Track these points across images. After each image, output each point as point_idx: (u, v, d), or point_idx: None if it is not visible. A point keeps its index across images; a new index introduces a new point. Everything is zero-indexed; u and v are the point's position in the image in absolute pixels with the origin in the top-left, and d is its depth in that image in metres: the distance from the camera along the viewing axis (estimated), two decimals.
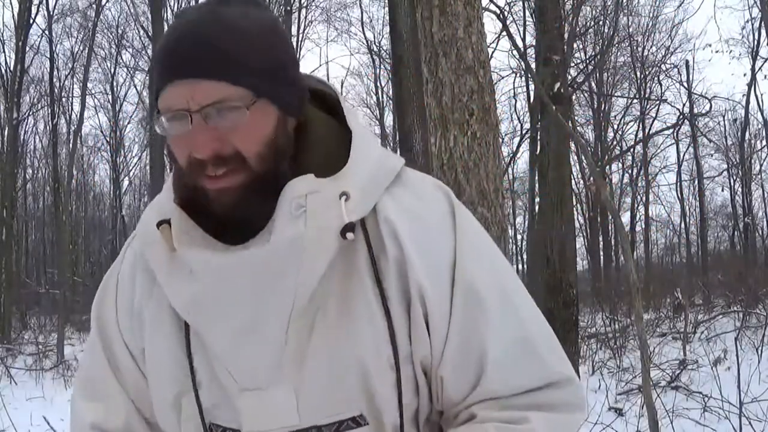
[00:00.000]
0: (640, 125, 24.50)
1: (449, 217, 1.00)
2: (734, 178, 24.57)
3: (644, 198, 26.73)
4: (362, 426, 0.99)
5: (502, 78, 19.53)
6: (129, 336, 1.08)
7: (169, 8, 22.25)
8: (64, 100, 22.80)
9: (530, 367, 0.98)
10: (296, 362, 0.95)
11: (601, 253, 25.01)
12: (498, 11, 9.13)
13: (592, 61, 19.44)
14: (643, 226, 27.83)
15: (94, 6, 19.42)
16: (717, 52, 25.38)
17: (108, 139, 27.88)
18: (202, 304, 0.96)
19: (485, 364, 0.96)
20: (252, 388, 0.97)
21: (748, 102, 21.82)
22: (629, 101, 23.96)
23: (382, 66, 25.60)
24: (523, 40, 18.20)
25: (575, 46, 18.66)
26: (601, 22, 20.07)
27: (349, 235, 0.92)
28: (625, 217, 26.21)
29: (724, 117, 23.77)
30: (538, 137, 12.79)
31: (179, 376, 1.02)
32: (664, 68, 23.18)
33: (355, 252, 0.95)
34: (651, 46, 24.30)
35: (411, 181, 1.02)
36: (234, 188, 0.92)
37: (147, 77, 18.75)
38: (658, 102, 22.09)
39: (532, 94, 17.95)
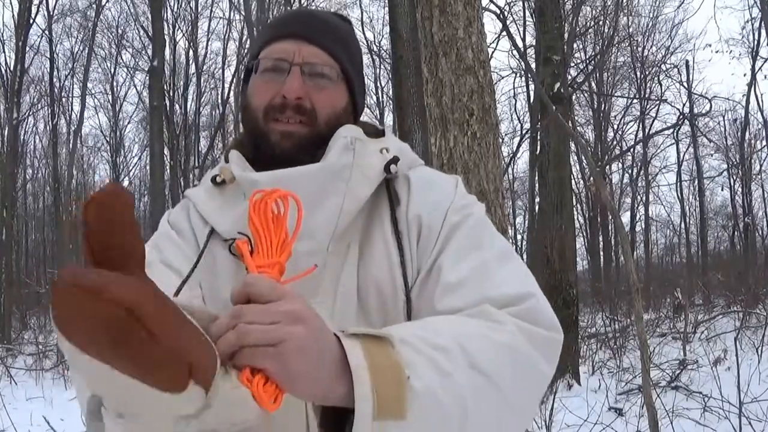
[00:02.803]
0: (640, 125, 24.53)
1: (453, 188, 1.15)
2: (734, 178, 24.56)
3: (644, 198, 26.77)
4: None
5: (502, 78, 19.57)
6: (190, 251, 1.13)
7: (169, 8, 22.27)
8: (64, 100, 22.82)
9: (484, 289, 0.99)
10: (332, 284, 1.05)
11: (601, 253, 25.03)
12: (498, 11, 9.14)
13: (592, 61, 19.46)
14: (643, 226, 27.88)
15: (94, 6, 19.44)
16: (717, 52, 25.59)
17: (108, 139, 27.88)
18: None
19: (439, 282, 1.02)
20: None
21: (748, 102, 21.83)
22: (629, 101, 23.99)
23: (382, 66, 25.64)
24: (523, 40, 18.22)
25: (575, 46, 18.68)
26: (601, 22, 20.09)
27: (393, 167, 1.10)
28: (625, 217, 26.25)
29: (724, 117, 23.76)
30: (538, 137, 12.81)
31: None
32: (664, 68, 23.21)
33: (378, 202, 1.10)
34: (651, 46, 24.36)
35: (429, 168, 1.21)
36: (297, 135, 1.10)
37: (147, 77, 18.73)
38: (658, 102, 22.10)
39: (532, 94, 17.97)
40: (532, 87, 17.36)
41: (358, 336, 0.82)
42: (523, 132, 20.15)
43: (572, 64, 17.22)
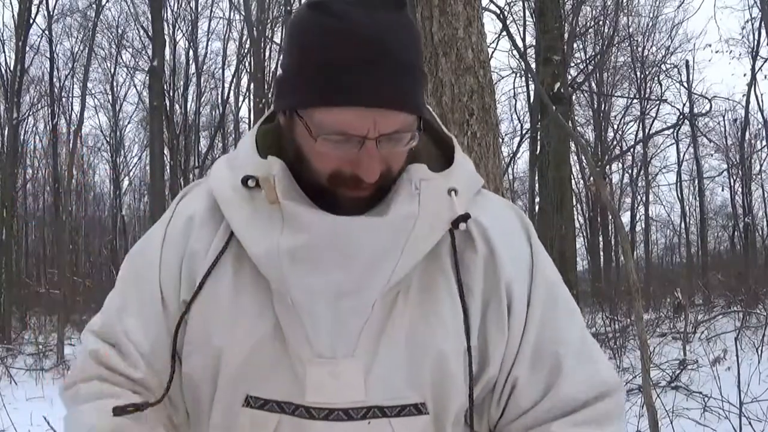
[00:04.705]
0: (640, 125, 24.53)
1: (522, 226, 1.08)
2: (734, 178, 24.56)
3: (644, 198, 26.75)
4: (423, 414, 0.98)
5: (502, 78, 19.56)
6: (169, 287, 1.04)
7: (169, 8, 22.27)
8: (64, 100, 22.81)
9: (591, 374, 1.02)
10: (374, 338, 0.96)
11: (601, 253, 25.02)
12: (498, 11, 9.12)
13: (592, 61, 19.45)
14: (643, 226, 27.88)
15: (94, 6, 19.43)
16: (717, 52, 25.47)
17: (108, 139, 27.87)
18: (303, 257, 0.95)
19: (560, 364, 1.01)
20: (327, 356, 0.96)
21: (748, 102, 21.76)
22: (629, 101, 23.99)
23: None
24: (523, 40, 18.21)
25: (575, 46, 18.68)
26: (601, 22, 20.09)
27: (462, 225, 0.98)
28: (625, 217, 26.24)
29: (724, 117, 23.73)
30: (538, 137, 12.81)
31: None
32: (664, 68, 23.19)
33: (439, 247, 1.00)
34: (651, 46, 24.34)
35: (489, 194, 1.12)
36: (370, 196, 0.97)
37: (147, 77, 18.73)
38: (658, 102, 22.08)
39: (532, 94, 17.97)
40: (532, 87, 17.35)
41: None
42: (523, 132, 20.13)
43: (572, 64, 17.22)
